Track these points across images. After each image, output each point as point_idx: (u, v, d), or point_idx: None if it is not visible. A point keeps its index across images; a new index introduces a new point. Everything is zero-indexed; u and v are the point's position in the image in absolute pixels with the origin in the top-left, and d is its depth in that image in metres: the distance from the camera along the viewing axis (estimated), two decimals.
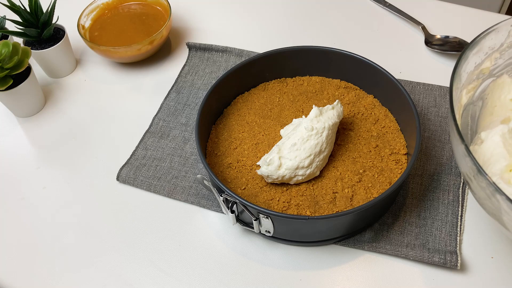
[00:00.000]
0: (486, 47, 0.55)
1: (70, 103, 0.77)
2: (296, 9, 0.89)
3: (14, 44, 0.68)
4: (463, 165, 0.47)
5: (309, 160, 0.57)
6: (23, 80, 0.70)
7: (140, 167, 0.66)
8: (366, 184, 0.58)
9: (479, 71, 0.56)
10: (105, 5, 0.84)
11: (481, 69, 0.56)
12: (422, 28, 0.81)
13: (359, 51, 0.67)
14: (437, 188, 0.61)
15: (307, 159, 0.57)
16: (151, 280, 0.57)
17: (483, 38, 0.53)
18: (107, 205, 0.64)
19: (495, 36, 0.54)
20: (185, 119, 0.72)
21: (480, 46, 0.54)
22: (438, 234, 0.57)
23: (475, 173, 0.44)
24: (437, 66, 0.76)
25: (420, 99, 0.71)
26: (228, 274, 0.57)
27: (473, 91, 0.56)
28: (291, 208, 0.57)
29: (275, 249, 0.58)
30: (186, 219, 0.62)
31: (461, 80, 0.53)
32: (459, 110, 0.53)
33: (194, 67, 0.79)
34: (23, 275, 0.58)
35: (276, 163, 0.57)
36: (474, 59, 0.54)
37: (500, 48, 0.56)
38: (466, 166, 0.46)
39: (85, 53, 0.84)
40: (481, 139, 0.52)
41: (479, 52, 0.54)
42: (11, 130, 0.74)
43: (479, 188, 0.45)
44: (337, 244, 0.58)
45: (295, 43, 0.81)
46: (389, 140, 0.63)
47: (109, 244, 0.60)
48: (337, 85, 0.70)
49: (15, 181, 0.68)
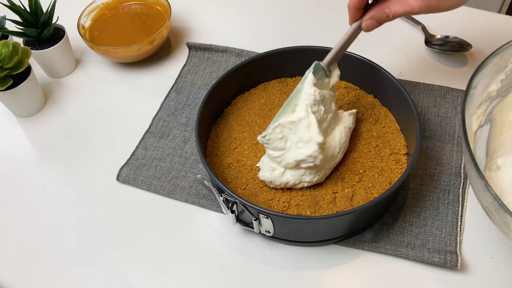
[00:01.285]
0: (492, 70, 0.54)
1: (70, 103, 0.77)
2: (296, 9, 0.89)
3: (14, 44, 0.68)
4: (483, 198, 0.47)
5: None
6: (23, 80, 0.70)
7: (140, 167, 0.66)
8: (366, 184, 0.58)
9: (486, 94, 0.56)
10: (105, 5, 0.84)
11: (488, 92, 0.56)
12: (422, 28, 0.81)
13: (359, 51, 0.67)
14: (437, 188, 0.61)
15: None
16: (151, 280, 0.57)
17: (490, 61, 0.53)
18: (107, 205, 0.64)
19: (501, 58, 0.54)
20: (185, 119, 0.72)
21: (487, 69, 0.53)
22: (438, 234, 0.57)
23: (496, 207, 0.44)
24: (437, 66, 0.76)
25: (420, 99, 0.71)
26: (228, 274, 0.57)
27: (482, 115, 0.56)
28: (291, 208, 0.57)
29: (275, 249, 0.58)
30: (186, 219, 0.62)
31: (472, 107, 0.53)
32: (471, 138, 0.53)
33: (194, 67, 0.79)
34: (23, 275, 0.58)
35: (280, 169, 0.57)
36: (482, 83, 0.54)
37: (505, 70, 0.56)
38: (486, 201, 0.45)
39: (85, 53, 0.84)
40: (497, 165, 0.52)
41: (486, 75, 0.54)
42: (11, 130, 0.74)
43: (501, 222, 0.45)
44: (337, 244, 0.58)
45: (295, 43, 0.81)
46: (389, 140, 0.63)
47: (109, 244, 0.60)
48: (337, 85, 0.70)
49: (15, 181, 0.68)
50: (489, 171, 0.53)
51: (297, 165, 0.55)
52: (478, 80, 0.52)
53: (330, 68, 0.59)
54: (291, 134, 0.55)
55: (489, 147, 0.56)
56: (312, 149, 0.54)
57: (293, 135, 0.55)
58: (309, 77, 0.57)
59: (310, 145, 0.54)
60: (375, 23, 0.54)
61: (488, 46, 0.77)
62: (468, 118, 0.52)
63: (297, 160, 0.55)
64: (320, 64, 0.58)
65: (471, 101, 0.52)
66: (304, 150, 0.54)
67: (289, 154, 0.56)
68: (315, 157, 0.54)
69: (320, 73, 0.58)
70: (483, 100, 0.56)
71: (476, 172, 0.45)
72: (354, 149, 0.62)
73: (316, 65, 0.57)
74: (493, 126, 0.56)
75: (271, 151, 0.56)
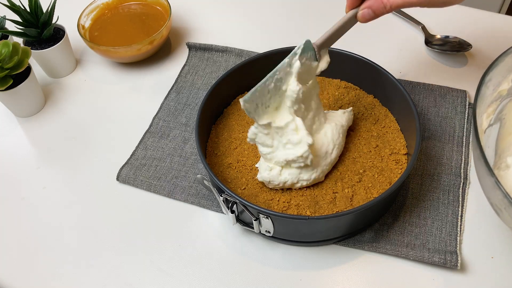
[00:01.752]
0: (504, 69, 0.54)
1: (70, 103, 0.77)
2: (296, 9, 0.89)
3: (14, 44, 0.68)
4: (492, 196, 0.46)
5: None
6: (23, 80, 0.70)
7: (140, 167, 0.66)
8: (366, 184, 0.58)
9: (497, 93, 0.56)
10: (105, 5, 0.84)
11: (499, 91, 0.56)
12: (422, 28, 0.81)
13: (359, 51, 0.67)
14: (437, 188, 0.61)
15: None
16: (151, 280, 0.57)
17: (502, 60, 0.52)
18: (107, 205, 0.64)
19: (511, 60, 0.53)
20: (185, 119, 0.72)
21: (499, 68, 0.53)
22: (438, 234, 0.57)
23: (506, 205, 0.44)
24: (437, 66, 0.76)
25: (420, 99, 0.71)
26: (228, 274, 0.57)
27: (493, 114, 0.56)
28: (291, 208, 0.57)
29: (275, 249, 0.58)
30: (186, 219, 0.62)
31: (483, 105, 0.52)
32: (481, 135, 0.53)
33: (194, 67, 0.79)
34: (23, 275, 0.58)
35: (277, 168, 0.57)
36: (493, 81, 0.53)
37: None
38: (496, 198, 0.45)
39: (85, 53, 0.84)
40: (507, 163, 0.52)
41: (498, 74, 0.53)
42: (11, 130, 0.74)
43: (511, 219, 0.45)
44: (337, 244, 0.58)
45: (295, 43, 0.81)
46: (389, 140, 0.63)
47: (109, 244, 0.60)
48: (337, 85, 0.70)
49: (15, 181, 0.68)
50: (498, 170, 0.53)
51: (287, 164, 0.56)
52: (490, 78, 0.52)
53: (321, 52, 0.57)
54: (278, 137, 0.56)
55: (498, 147, 0.56)
56: (303, 150, 0.54)
57: (280, 138, 0.56)
58: (296, 65, 0.54)
59: (300, 146, 0.55)
60: (372, 13, 0.53)
61: (488, 46, 0.77)
62: (479, 116, 0.51)
63: (287, 160, 0.55)
64: (311, 43, 0.56)
65: (482, 99, 0.51)
66: (293, 151, 0.55)
67: (279, 152, 0.56)
68: (306, 157, 0.55)
69: (310, 53, 0.56)
70: (494, 99, 0.56)
71: (487, 169, 0.44)
72: (354, 149, 0.62)
73: (307, 43, 0.55)
74: (503, 125, 0.56)
75: (261, 147, 0.57)
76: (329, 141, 0.58)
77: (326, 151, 0.58)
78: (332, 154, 0.58)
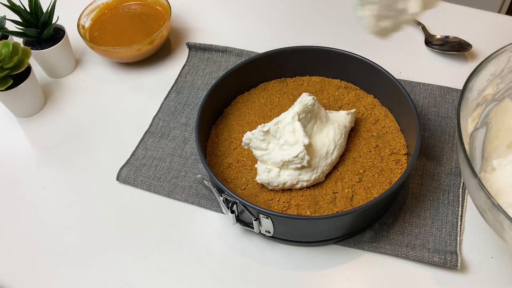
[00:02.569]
0: (488, 74, 0.54)
1: (70, 103, 0.77)
2: (296, 9, 0.89)
3: (14, 44, 0.68)
4: (477, 197, 0.47)
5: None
6: (23, 80, 0.70)
7: (140, 167, 0.66)
8: (366, 184, 0.58)
9: (482, 97, 0.56)
10: (105, 5, 0.84)
11: (484, 95, 0.56)
12: (422, 28, 0.81)
13: (359, 51, 0.67)
14: (437, 188, 0.61)
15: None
16: (151, 280, 0.57)
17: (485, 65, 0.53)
18: (107, 205, 0.64)
19: (496, 62, 0.54)
20: (185, 119, 0.72)
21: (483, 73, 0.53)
22: (438, 234, 0.57)
23: (489, 206, 0.44)
24: (437, 66, 0.76)
25: (420, 99, 0.71)
26: (228, 274, 0.57)
27: (478, 118, 0.57)
28: (291, 208, 0.57)
29: (275, 249, 0.58)
30: (186, 219, 0.62)
31: (467, 109, 0.53)
32: (466, 139, 0.53)
33: (194, 67, 0.79)
34: (23, 275, 0.58)
35: (275, 170, 0.57)
36: (477, 86, 0.54)
37: (501, 74, 0.56)
38: (480, 200, 0.46)
39: (85, 53, 0.84)
40: (493, 166, 0.52)
41: (482, 79, 0.54)
42: (11, 130, 0.74)
43: (495, 221, 0.45)
44: (337, 244, 0.58)
45: (295, 43, 0.81)
46: (389, 140, 0.63)
47: (109, 244, 0.60)
48: (337, 85, 0.70)
49: (15, 181, 0.68)
50: (484, 173, 0.53)
51: (284, 165, 0.56)
52: (474, 82, 0.53)
53: None
54: (274, 139, 0.56)
55: (485, 150, 0.56)
56: (298, 150, 0.55)
57: (276, 140, 0.56)
58: None
59: (296, 147, 0.55)
60: None
61: (488, 46, 0.77)
62: (464, 120, 0.52)
63: (283, 161, 0.56)
64: None
65: (466, 103, 0.52)
66: (290, 151, 0.56)
67: (275, 154, 0.56)
68: (302, 158, 0.55)
69: None
70: (479, 103, 0.56)
71: (470, 171, 0.45)
72: (354, 149, 0.62)
73: None
74: (489, 129, 0.57)
75: (255, 150, 0.58)
76: (330, 141, 0.58)
77: (327, 151, 0.58)
78: (333, 155, 0.59)
